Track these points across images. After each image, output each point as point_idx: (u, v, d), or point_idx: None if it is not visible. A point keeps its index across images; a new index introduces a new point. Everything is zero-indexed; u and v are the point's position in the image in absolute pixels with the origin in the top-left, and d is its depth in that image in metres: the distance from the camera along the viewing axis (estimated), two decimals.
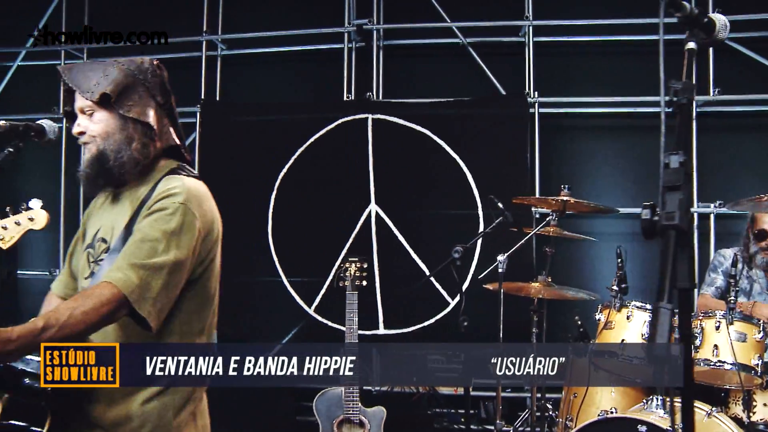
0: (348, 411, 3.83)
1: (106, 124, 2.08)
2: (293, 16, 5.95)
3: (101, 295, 1.86)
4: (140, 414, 2.04)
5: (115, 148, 2.07)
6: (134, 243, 1.97)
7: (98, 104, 2.07)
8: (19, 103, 6.38)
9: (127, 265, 1.91)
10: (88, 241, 2.19)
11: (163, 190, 2.07)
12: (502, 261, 3.82)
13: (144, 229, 1.99)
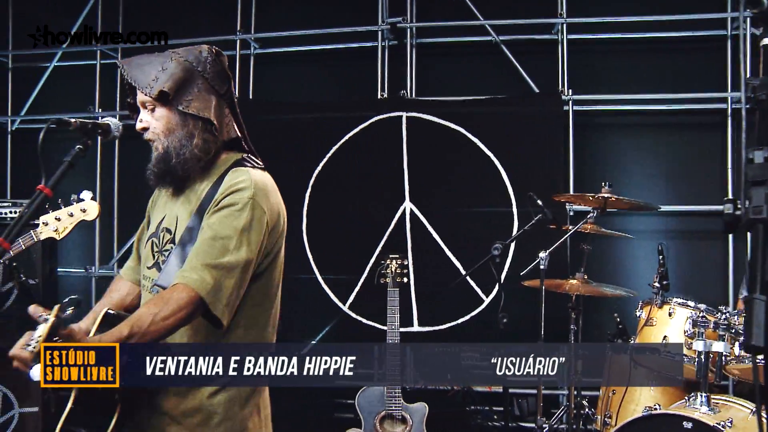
0: (390, 407, 3.85)
1: (167, 120, 2.10)
2: (325, 14, 5.97)
3: (179, 300, 1.89)
4: (208, 406, 2.08)
5: (177, 146, 2.09)
6: (206, 241, 1.99)
7: (157, 100, 2.09)
8: (56, 103, 6.47)
9: (201, 265, 1.93)
10: (152, 230, 2.24)
11: (230, 184, 2.07)
12: (543, 258, 3.83)
13: (214, 226, 2.01)
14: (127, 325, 1.81)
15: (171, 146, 2.09)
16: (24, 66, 6.62)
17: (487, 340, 5.23)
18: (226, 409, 2.10)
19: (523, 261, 4.76)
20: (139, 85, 2.08)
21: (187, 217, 2.11)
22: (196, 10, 6.20)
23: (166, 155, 2.09)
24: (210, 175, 2.15)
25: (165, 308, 1.85)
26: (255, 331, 2.14)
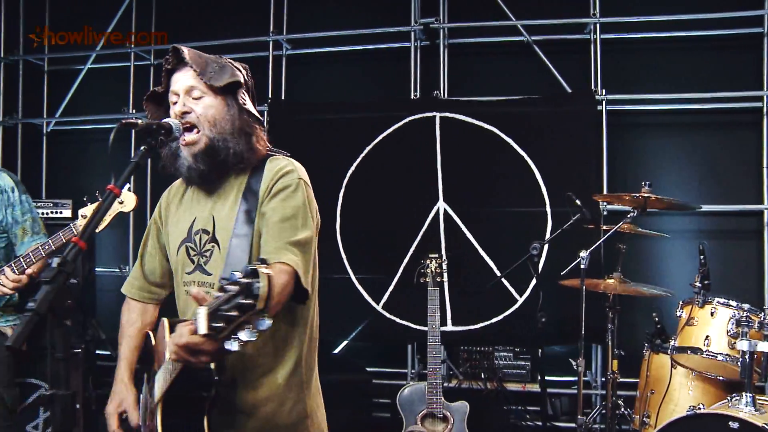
0: (431, 405, 3.87)
1: (216, 111, 2.13)
2: (357, 15, 6.01)
3: (287, 272, 1.92)
4: (280, 394, 2.14)
5: (226, 138, 2.12)
6: (276, 224, 2.05)
7: (214, 90, 2.13)
8: (89, 105, 6.56)
9: (283, 245, 1.99)
10: (180, 237, 2.23)
11: (276, 170, 2.14)
12: (584, 258, 3.82)
13: (278, 209, 2.07)
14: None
15: (217, 138, 2.11)
16: (59, 69, 6.70)
17: (521, 339, 5.25)
18: (297, 393, 2.17)
19: (556, 261, 4.77)
20: (202, 71, 2.12)
21: (228, 212, 2.15)
22: (229, 11, 6.25)
23: (213, 149, 2.11)
24: (244, 170, 2.19)
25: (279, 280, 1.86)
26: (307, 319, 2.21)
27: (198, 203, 2.24)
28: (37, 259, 3.28)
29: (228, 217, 2.14)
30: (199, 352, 1.63)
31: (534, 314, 4.90)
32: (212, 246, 2.15)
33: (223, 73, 2.15)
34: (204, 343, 1.59)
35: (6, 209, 3.52)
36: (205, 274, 2.16)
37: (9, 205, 3.52)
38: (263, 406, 2.12)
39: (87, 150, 6.66)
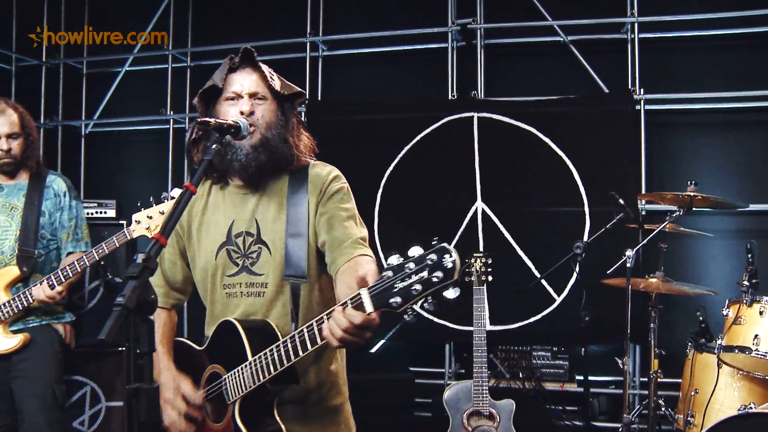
0: (478, 403, 3.87)
1: (273, 116, 2.21)
2: (392, 16, 6.04)
3: (374, 261, 2.01)
4: (325, 379, 2.24)
5: (283, 141, 2.19)
6: (342, 224, 2.15)
7: (276, 96, 2.21)
8: (127, 107, 6.65)
9: (355, 240, 2.11)
10: (218, 240, 2.25)
11: (325, 174, 2.24)
12: (630, 256, 3.81)
13: (340, 210, 2.18)
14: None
15: (272, 139, 2.18)
16: (97, 72, 6.80)
17: (559, 339, 5.25)
18: (336, 378, 2.29)
19: (594, 260, 4.73)
20: (269, 75, 2.21)
21: (275, 213, 2.21)
22: (266, 13, 6.30)
23: (268, 145, 2.17)
24: (282, 173, 2.25)
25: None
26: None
27: (234, 206, 2.27)
28: (73, 272, 3.31)
29: (275, 218, 2.20)
30: (369, 328, 1.70)
31: (573, 313, 4.92)
32: (259, 248, 2.20)
33: (282, 83, 2.25)
34: (374, 320, 1.67)
35: (57, 212, 3.58)
36: (253, 275, 2.21)
37: (59, 209, 3.59)
38: (313, 393, 2.21)
39: (124, 151, 6.75)
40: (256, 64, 2.21)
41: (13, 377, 3.41)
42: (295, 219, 2.17)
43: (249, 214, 2.23)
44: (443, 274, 1.53)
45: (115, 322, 1.61)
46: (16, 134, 3.48)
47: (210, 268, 2.27)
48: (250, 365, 1.99)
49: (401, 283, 1.57)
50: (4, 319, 3.35)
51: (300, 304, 2.16)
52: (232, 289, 2.23)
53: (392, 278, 1.58)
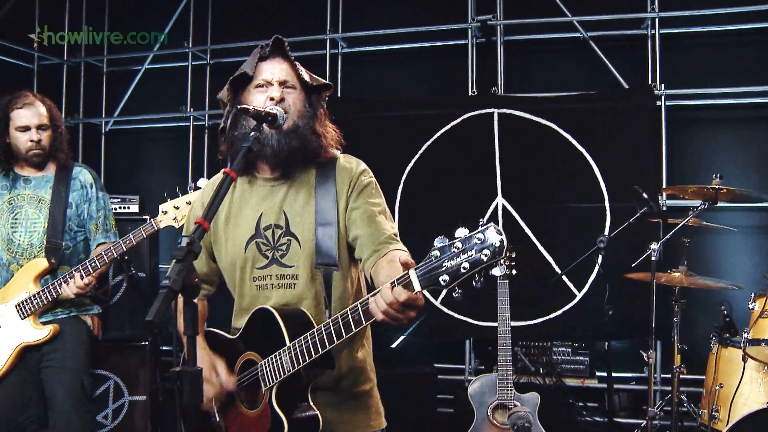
0: (503, 396, 3.88)
1: (302, 105, 2.23)
2: (412, 13, 6.06)
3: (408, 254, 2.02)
4: (354, 366, 2.27)
5: (311, 130, 2.22)
6: (374, 219, 2.17)
7: (304, 86, 2.24)
8: (146, 104, 6.70)
9: (389, 236, 2.14)
10: (247, 234, 2.26)
11: (353, 168, 2.26)
12: (655, 249, 3.81)
13: (370, 205, 2.20)
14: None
15: (302, 128, 2.20)
16: (117, 70, 6.85)
17: (580, 335, 5.24)
18: (368, 363, 2.34)
19: (614, 255, 4.72)
20: (296, 67, 2.24)
21: (304, 205, 2.22)
22: (285, 10, 6.33)
23: (299, 132, 2.19)
24: (310, 167, 2.27)
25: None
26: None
27: (262, 199, 2.28)
28: (101, 263, 3.34)
29: (303, 210, 2.22)
30: (414, 307, 1.74)
31: (594, 309, 4.92)
32: (288, 240, 2.21)
33: (312, 76, 2.28)
34: (420, 299, 1.73)
35: (84, 204, 3.61)
36: (283, 267, 2.22)
37: (87, 201, 3.62)
38: (344, 380, 2.23)
39: (144, 149, 6.80)
40: (286, 53, 2.24)
41: (42, 367, 3.45)
42: (323, 209, 2.19)
43: (277, 206, 2.24)
44: (491, 252, 1.59)
45: (162, 304, 1.63)
46: (46, 126, 3.52)
47: (239, 261, 2.27)
48: (288, 350, 2.00)
49: (449, 261, 1.63)
50: (34, 310, 3.38)
51: (332, 292, 2.18)
52: (263, 282, 2.24)
53: (440, 257, 1.64)
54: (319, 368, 2.05)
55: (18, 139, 3.47)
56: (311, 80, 2.25)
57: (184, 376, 1.74)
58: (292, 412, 2.05)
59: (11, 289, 3.43)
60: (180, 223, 3.26)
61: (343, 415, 2.22)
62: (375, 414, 2.32)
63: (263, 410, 2.09)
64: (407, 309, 1.73)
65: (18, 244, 3.46)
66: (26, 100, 3.49)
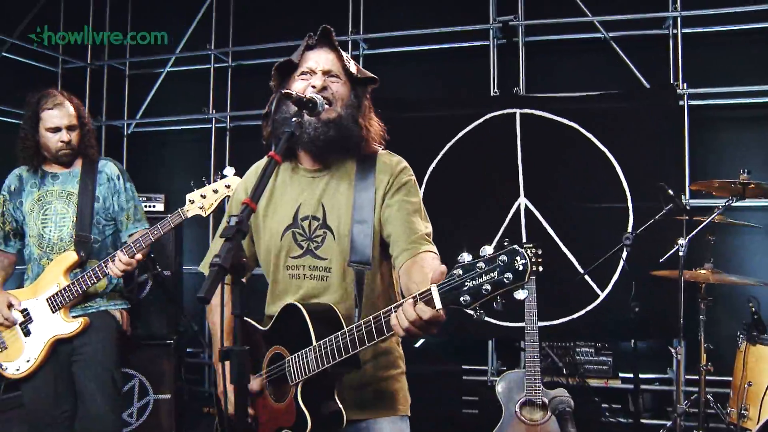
0: (531, 392, 3.87)
1: (347, 95, 2.23)
2: (432, 15, 6.08)
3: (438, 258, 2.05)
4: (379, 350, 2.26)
5: (353, 121, 2.22)
6: (408, 218, 2.16)
7: (350, 77, 2.24)
8: (167, 107, 6.76)
9: (421, 236, 2.14)
10: (284, 222, 2.28)
11: (394, 165, 2.26)
12: (683, 245, 3.80)
13: (406, 203, 2.19)
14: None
15: (346, 117, 2.20)
16: (139, 73, 6.91)
17: (603, 334, 5.23)
18: (396, 349, 2.34)
19: (639, 254, 4.69)
20: (344, 59, 2.24)
21: (342, 199, 2.22)
22: (306, 11, 6.36)
23: (342, 123, 2.19)
24: (351, 159, 2.27)
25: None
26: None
27: (302, 190, 2.29)
28: (146, 244, 3.35)
29: (342, 205, 2.21)
30: (437, 324, 1.71)
31: (617, 309, 4.91)
32: (324, 232, 2.21)
33: (357, 67, 2.29)
34: (442, 317, 1.69)
35: (113, 197, 3.63)
36: (317, 259, 2.22)
37: (115, 193, 3.63)
38: (368, 364, 2.22)
39: (165, 150, 6.85)
40: (333, 44, 2.25)
41: (73, 361, 3.46)
42: (361, 205, 2.18)
43: (316, 198, 2.25)
44: (513, 276, 1.53)
45: (213, 281, 1.64)
46: (74, 126, 3.54)
47: (274, 248, 2.29)
48: (314, 350, 2.00)
49: (471, 281, 1.58)
50: (65, 303, 3.39)
51: (363, 289, 2.16)
52: (296, 271, 2.25)
53: (462, 276, 1.59)
54: (344, 368, 2.04)
55: (48, 139, 3.50)
56: (358, 72, 2.25)
57: (231, 355, 1.76)
58: (317, 409, 2.05)
59: (42, 283, 3.45)
60: (207, 212, 3.27)
61: (366, 399, 2.22)
62: (401, 400, 2.30)
63: (289, 404, 2.10)
64: (430, 326, 1.71)
65: (48, 239, 3.48)
66: (56, 100, 3.52)
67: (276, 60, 2.28)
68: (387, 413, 2.25)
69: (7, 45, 5.95)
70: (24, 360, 3.41)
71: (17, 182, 3.60)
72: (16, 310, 3.44)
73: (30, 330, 3.42)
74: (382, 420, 2.24)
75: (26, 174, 3.60)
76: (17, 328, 3.45)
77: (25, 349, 3.41)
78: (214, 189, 3.25)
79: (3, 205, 3.60)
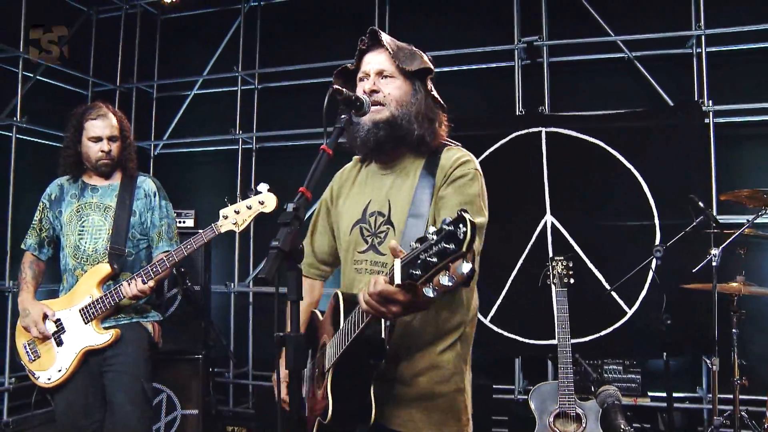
0: (564, 404, 3.84)
1: (404, 93, 2.24)
2: (458, 36, 6.14)
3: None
4: (440, 362, 2.19)
5: (410, 119, 2.21)
6: (454, 208, 2.10)
7: (404, 73, 2.24)
8: (193, 129, 6.86)
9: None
10: (354, 217, 2.32)
11: (454, 159, 2.23)
12: (716, 255, 3.79)
13: (456, 195, 2.17)
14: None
15: (401, 117, 2.20)
16: (166, 95, 7.03)
17: (632, 351, 5.18)
18: (455, 365, 2.21)
19: (667, 270, 4.67)
20: (394, 53, 2.24)
21: (405, 196, 2.22)
22: (331, 33, 6.40)
23: (394, 122, 2.20)
24: (419, 155, 2.27)
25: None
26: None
27: (373, 186, 2.32)
28: (162, 268, 3.36)
29: (404, 200, 2.22)
30: (392, 301, 1.71)
31: (646, 325, 4.87)
32: (387, 228, 2.23)
33: (414, 59, 2.27)
34: (397, 293, 1.69)
35: (148, 212, 3.67)
36: (378, 254, 2.23)
37: (150, 209, 3.67)
38: (421, 376, 2.16)
39: (191, 172, 6.92)
40: (382, 44, 2.26)
41: (104, 372, 3.45)
42: (419, 200, 2.17)
43: (384, 195, 2.27)
44: (455, 245, 1.50)
45: (273, 263, 1.68)
46: (116, 137, 3.59)
47: (344, 243, 2.34)
48: (339, 332, 2.02)
49: (424, 254, 1.56)
50: (97, 314, 3.40)
51: None
52: (360, 266, 2.27)
53: (418, 249, 1.58)
54: (371, 357, 2.03)
55: (90, 148, 3.55)
56: (412, 66, 2.24)
57: (288, 340, 1.77)
58: (343, 398, 2.04)
59: (76, 294, 3.47)
60: (241, 227, 3.28)
61: (413, 412, 2.16)
62: (451, 419, 2.20)
63: (323, 391, 2.10)
64: (387, 303, 1.72)
65: (84, 251, 3.51)
66: (100, 111, 3.58)
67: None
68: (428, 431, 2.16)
69: (42, 68, 6.08)
70: (56, 369, 3.42)
71: (58, 191, 3.65)
72: (49, 321, 3.46)
73: (62, 340, 3.44)
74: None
75: (67, 184, 3.65)
76: (50, 338, 3.47)
77: (57, 358, 3.42)
78: (248, 205, 3.26)
79: (42, 212, 3.64)
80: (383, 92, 2.21)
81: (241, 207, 3.27)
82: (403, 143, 2.24)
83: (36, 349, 3.48)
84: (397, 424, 2.15)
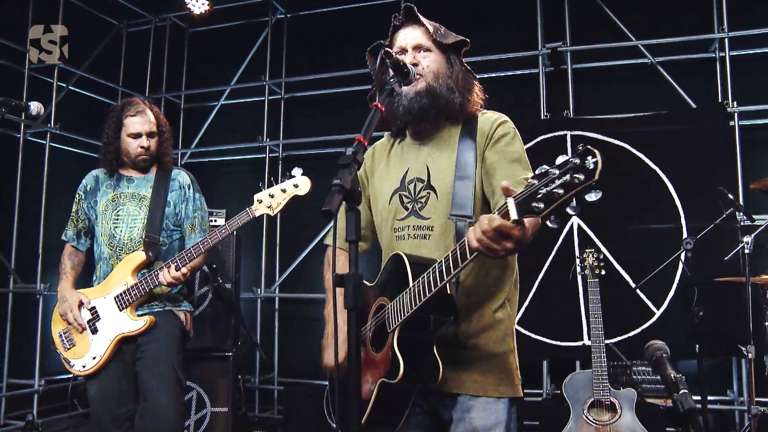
0: (598, 393, 3.83)
1: (440, 66, 2.31)
2: (482, 42, 6.18)
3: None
4: (492, 325, 2.23)
5: (449, 89, 2.27)
6: (507, 166, 2.17)
7: (440, 47, 2.31)
8: (220, 138, 6.96)
9: (521, 180, 2.00)
10: (393, 186, 2.36)
11: (492, 120, 2.29)
12: (748, 242, 3.79)
13: (505, 153, 2.21)
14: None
15: (439, 88, 2.26)
16: (194, 106, 7.15)
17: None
18: (505, 326, 2.27)
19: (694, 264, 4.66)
20: (432, 29, 2.31)
21: (446, 161, 2.27)
22: (356, 43, 6.36)
23: (434, 92, 2.26)
24: (456, 123, 2.32)
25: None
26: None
27: (410, 155, 2.37)
28: (197, 253, 3.41)
29: (446, 166, 2.27)
30: (508, 237, 1.73)
31: (673, 327, 4.85)
32: (427, 193, 2.27)
33: (448, 35, 2.35)
34: (514, 228, 1.71)
35: (182, 204, 3.72)
36: (420, 219, 2.27)
37: (184, 201, 3.73)
38: (476, 337, 2.20)
39: (218, 180, 7.00)
40: (419, 19, 2.33)
41: (137, 359, 3.49)
42: (464, 164, 2.22)
43: (422, 162, 2.32)
44: (584, 176, 1.53)
45: (335, 198, 1.72)
46: (154, 133, 3.67)
47: (383, 212, 2.38)
48: (409, 290, 2.03)
49: (545, 188, 1.58)
50: (131, 301, 3.44)
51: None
52: (401, 232, 2.31)
53: (537, 185, 1.60)
54: (440, 314, 2.05)
55: (129, 144, 3.62)
56: (448, 40, 2.32)
57: (347, 279, 1.80)
58: (412, 356, 2.04)
59: (111, 281, 3.51)
60: (275, 211, 3.32)
61: (471, 373, 2.18)
62: (506, 380, 2.22)
63: (386, 352, 2.10)
64: (502, 239, 1.73)
65: (119, 239, 3.55)
66: (138, 108, 3.66)
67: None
68: (486, 392, 2.18)
69: (75, 77, 6.21)
70: (90, 357, 3.45)
71: (93, 182, 3.71)
72: (85, 308, 3.50)
73: (97, 327, 3.48)
74: (478, 400, 2.17)
75: (102, 176, 3.71)
76: (85, 326, 3.51)
77: (92, 346, 3.46)
78: (282, 188, 3.31)
79: (78, 203, 3.70)
80: (422, 65, 2.27)
81: (275, 191, 3.32)
82: (443, 113, 2.29)
83: (71, 338, 3.52)
84: (454, 387, 2.17)
